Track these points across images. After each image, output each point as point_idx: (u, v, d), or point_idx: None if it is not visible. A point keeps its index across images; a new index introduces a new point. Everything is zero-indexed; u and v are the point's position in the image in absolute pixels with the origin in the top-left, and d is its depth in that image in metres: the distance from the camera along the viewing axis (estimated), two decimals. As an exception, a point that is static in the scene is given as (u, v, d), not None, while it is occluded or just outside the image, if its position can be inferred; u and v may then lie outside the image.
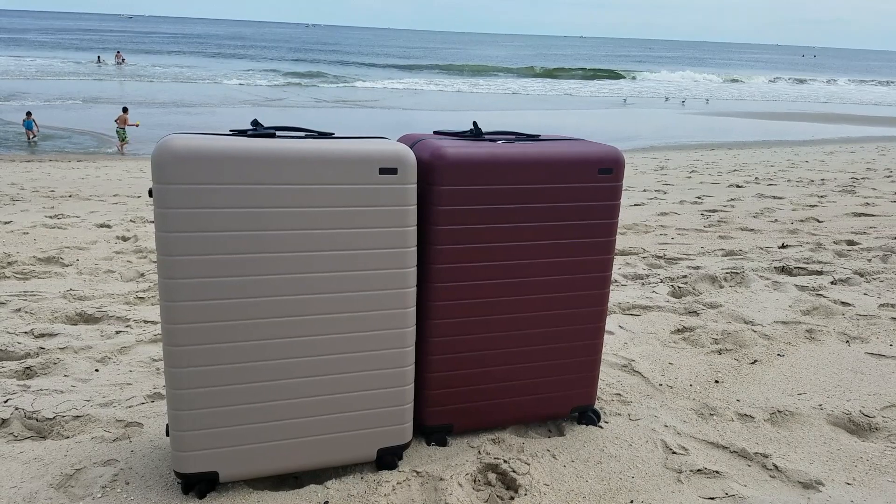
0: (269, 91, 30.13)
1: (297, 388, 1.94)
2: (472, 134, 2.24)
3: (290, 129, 1.98)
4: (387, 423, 2.07)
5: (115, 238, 5.41)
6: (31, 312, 3.45)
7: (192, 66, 40.84)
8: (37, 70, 32.64)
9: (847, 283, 4.12)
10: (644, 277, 4.32)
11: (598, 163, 2.17)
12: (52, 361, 2.82)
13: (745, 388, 2.72)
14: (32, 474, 2.02)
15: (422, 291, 2.10)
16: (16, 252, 4.69)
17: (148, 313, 3.53)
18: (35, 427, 2.30)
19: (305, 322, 1.90)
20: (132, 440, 2.23)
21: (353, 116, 22.27)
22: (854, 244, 5.33)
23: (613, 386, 2.72)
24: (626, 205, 7.52)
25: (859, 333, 3.29)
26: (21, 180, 9.21)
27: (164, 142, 1.73)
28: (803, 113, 28.21)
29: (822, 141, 18.41)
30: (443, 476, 2.04)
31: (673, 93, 37.94)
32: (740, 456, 2.24)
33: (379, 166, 1.88)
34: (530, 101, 30.93)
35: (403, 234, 1.95)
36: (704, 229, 6.10)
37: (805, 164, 11.87)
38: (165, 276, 1.76)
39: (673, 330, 3.35)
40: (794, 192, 8.39)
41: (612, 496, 2.01)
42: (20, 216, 6.21)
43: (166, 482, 2.00)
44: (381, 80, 38.39)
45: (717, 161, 12.95)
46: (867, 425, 2.44)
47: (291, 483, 2.06)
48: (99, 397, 2.51)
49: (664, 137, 19.10)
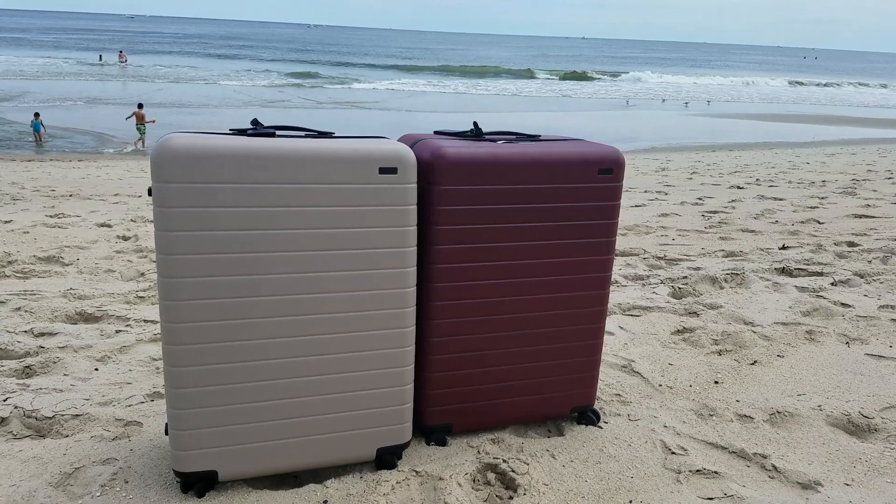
0: (270, 91, 30.15)
1: (295, 387, 1.94)
2: (472, 134, 2.24)
3: (290, 128, 1.98)
4: (386, 422, 2.07)
5: (115, 237, 5.42)
6: (31, 311, 3.45)
7: (195, 66, 40.86)
8: (38, 70, 32.63)
9: (847, 284, 4.12)
10: (644, 278, 4.32)
11: (599, 163, 2.17)
12: (52, 360, 2.82)
13: (745, 388, 2.72)
14: (31, 473, 2.02)
15: (422, 291, 2.10)
16: (16, 251, 4.70)
17: (148, 312, 3.54)
18: (34, 426, 2.30)
19: (304, 321, 1.90)
20: (131, 439, 2.23)
21: (354, 117, 22.29)
22: (854, 246, 5.33)
23: (613, 386, 2.71)
24: (627, 206, 7.52)
25: (859, 335, 3.29)
26: (22, 180, 9.22)
27: (164, 141, 1.73)
28: (804, 115, 28.21)
29: (823, 142, 18.41)
30: (442, 476, 2.04)
31: (670, 94, 37.93)
32: (739, 456, 2.24)
33: (379, 166, 1.88)
34: (531, 102, 30.93)
35: (403, 234, 1.95)
36: (705, 230, 6.10)
37: (806, 166, 11.87)
38: (165, 274, 1.76)
39: (673, 331, 3.35)
40: (795, 193, 8.39)
41: (610, 496, 2.01)
42: (21, 215, 6.21)
43: (165, 481, 2.00)
44: (380, 80, 38.41)
45: (719, 162, 12.95)
46: (866, 426, 2.44)
47: (290, 482, 2.06)
48: (98, 396, 2.51)
49: (665, 139, 19.10)
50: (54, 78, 29.94)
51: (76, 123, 17.92)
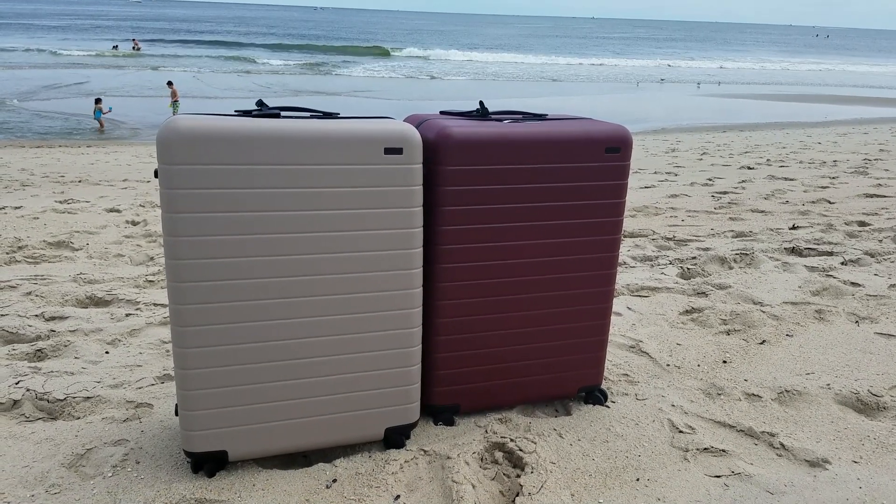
0: (278, 75, 29.96)
1: (304, 368, 1.95)
2: (478, 114, 2.23)
3: (295, 109, 1.98)
4: (394, 402, 2.08)
5: (124, 222, 5.44)
6: (42, 296, 3.48)
7: (206, 53, 40.65)
8: (61, 60, 32.28)
9: (857, 263, 4.09)
10: (653, 259, 4.31)
11: (606, 142, 2.15)
12: (63, 344, 2.84)
13: (753, 368, 2.72)
14: (44, 454, 2.05)
15: (428, 273, 2.10)
16: (26, 237, 4.73)
17: (157, 296, 3.56)
18: (46, 408, 2.33)
19: (312, 302, 1.91)
20: (142, 420, 2.25)
21: (359, 100, 22.18)
22: (865, 225, 5.29)
23: (621, 366, 2.72)
24: (636, 187, 7.48)
25: (869, 314, 3.27)
26: (31, 166, 9.26)
27: (169, 122, 1.73)
28: (816, 95, 27.90)
29: (834, 122, 18.21)
30: (450, 455, 2.05)
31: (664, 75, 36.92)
32: (747, 435, 2.24)
33: (384, 146, 1.87)
34: (542, 83, 30.70)
35: (409, 215, 1.94)
36: (715, 211, 6.06)
37: (817, 146, 11.75)
38: (172, 256, 1.77)
39: (681, 311, 3.35)
40: (806, 173, 8.32)
41: (617, 474, 2.02)
42: (30, 201, 6.24)
43: (176, 461, 2.02)
44: (387, 63, 38.00)
45: (729, 143, 12.84)
46: (875, 404, 2.43)
47: (300, 462, 2.07)
48: (109, 379, 2.53)
49: (676, 119, 18.95)
50: (76, 67, 29.46)
51: (87, 110, 17.89)
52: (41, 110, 17.49)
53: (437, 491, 1.92)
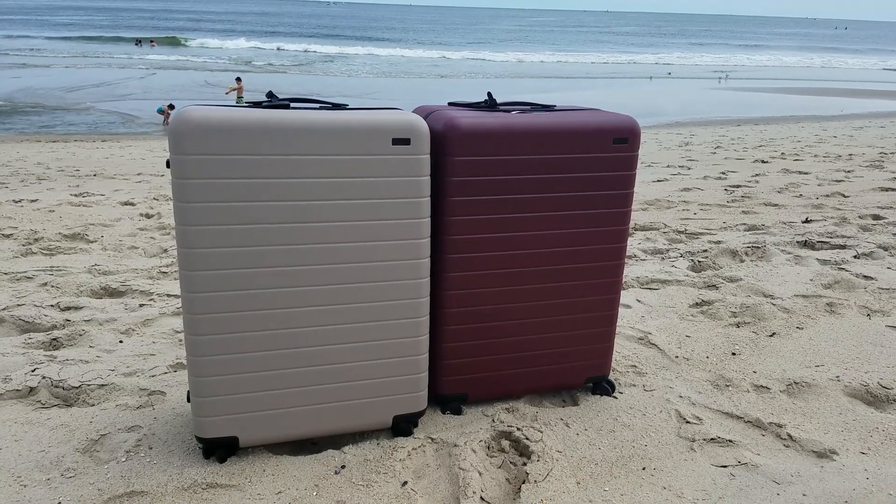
0: (289, 70, 30.05)
1: (314, 355, 1.98)
2: (486, 105, 2.24)
3: (305, 100, 2.00)
4: (402, 391, 2.10)
5: (138, 215, 5.50)
6: (58, 286, 3.53)
7: (224, 48, 40.88)
8: (76, 61, 32.07)
9: (870, 257, 4.07)
10: (664, 252, 4.30)
11: (613, 132, 2.16)
12: (78, 333, 2.89)
13: (763, 360, 2.72)
14: (59, 439, 2.09)
15: (436, 262, 2.11)
16: (42, 229, 4.79)
17: (171, 287, 3.60)
18: (62, 395, 2.37)
19: (321, 291, 1.93)
20: (155, 407, 2.29)
21: (368, 91, 22.21)
22: (879, 219, 5.25)
23: (629, 358, 2.72)
24: (648, 180, 7.46)
25: (881, 307, 3.25)
26: (47, 160, 9.36)
27: (182, 113, 1.76)
28: (832, 88, 27.60)
29: (851, 116, 18.02)
30: (457, 443, 2.07)
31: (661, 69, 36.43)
32: (754, 426, 2.24)
33: (392, 137, 1.89)
34: (553, 75, 30.60)
35: (417, 205, 1.96)
36: (727, 204, 6.04)
37: (833, 140, 11.65)
38: (184, 245, 1.80)
39: (691, 303, 3.34)
40: (821, 167, 8.25)
41: (623, 463, 2.03)
42: (46, 195, 6.32)
43: (188, 447, 2.05)
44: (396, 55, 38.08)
45: (743, 137, 12.76)
46: (885, 396, 2.43)
47: (310, 448, 2.10)
48: (123, 367, 2.57)
49: (690, 113, 18.83)
50: (107, 68, 28.86)
51: (102, 103, 18.05)
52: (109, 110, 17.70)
53: (444, 478, 1.94)
